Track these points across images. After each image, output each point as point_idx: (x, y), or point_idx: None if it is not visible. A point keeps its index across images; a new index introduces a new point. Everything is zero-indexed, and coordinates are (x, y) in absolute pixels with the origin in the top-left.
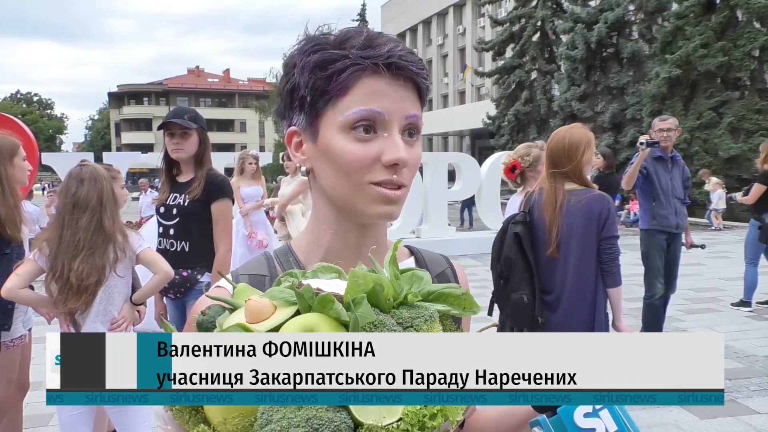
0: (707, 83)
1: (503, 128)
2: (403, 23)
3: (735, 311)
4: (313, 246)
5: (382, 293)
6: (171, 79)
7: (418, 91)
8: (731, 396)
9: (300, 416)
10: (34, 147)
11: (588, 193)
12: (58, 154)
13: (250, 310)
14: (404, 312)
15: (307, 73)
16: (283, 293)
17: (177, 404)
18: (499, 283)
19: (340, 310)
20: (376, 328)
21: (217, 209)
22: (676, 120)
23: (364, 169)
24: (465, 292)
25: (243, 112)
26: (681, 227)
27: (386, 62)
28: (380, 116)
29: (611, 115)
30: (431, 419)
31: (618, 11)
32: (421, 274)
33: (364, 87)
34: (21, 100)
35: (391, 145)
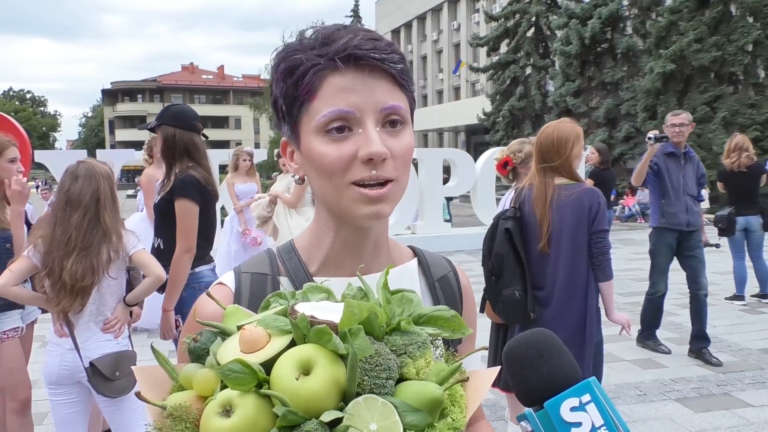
0: (701, 78)
1: (498, 124)
2: (398, 19)
3: (729, 305)
4: (314, 247)
5: (376, 321)
6: (165, 75)
7: (393, 79)
8: (725, 389)
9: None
10: (27, 145)
11: (578, 188)
12: (52, 151)
13: (244, 340)
14: (398, 339)
15: (280, 83)
16: (278, 321)
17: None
18: (491, 280)
19: (338, 344)
20: (371, 359)
21: (177, 208)
22: (689, 115)
23: (343, 169)
24: (455, 315)
25: (238, 109)
26: (693, 225)
27: (343, 56)
28: (350, 114)
29: (606, 111)
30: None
31: (612, 6)
32: (411, 296)
33: (330, 86)
34: (14, 97)
35: (365, 140)
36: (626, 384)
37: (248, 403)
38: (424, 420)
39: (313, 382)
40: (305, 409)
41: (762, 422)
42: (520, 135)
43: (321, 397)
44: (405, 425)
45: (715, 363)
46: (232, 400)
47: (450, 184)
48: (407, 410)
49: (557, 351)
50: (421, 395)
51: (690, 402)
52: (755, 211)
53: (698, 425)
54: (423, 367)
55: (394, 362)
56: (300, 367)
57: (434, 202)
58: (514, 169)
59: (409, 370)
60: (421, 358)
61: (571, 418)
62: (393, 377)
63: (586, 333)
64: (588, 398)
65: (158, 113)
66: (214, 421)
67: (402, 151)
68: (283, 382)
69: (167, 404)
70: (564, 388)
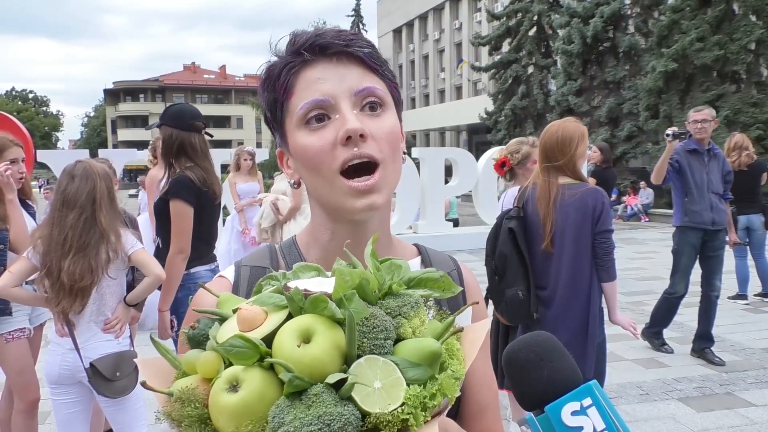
0: (703, 77)
1: (500, 123)
2: (399, 18)
3: (732, 304)
4: (311, 245)
5: (368, 287)
6: (167, 75)
7: (364, 63)
8: (728, 388)
9: (311, 414)
10: (30, 144)
11: (582, 187)
12: (54, 151)
13: (242, 318)
14: (391, 302)
15: (264, 93)
16: (272, 298)
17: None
18: (494, 279)
19: (335, 309)
20: (368, 321)
21: (171, 209)
22: (712, 111)
23: (327, 155)
24: (443, 275)
25: (239, 109)
26: (718, 224)
27: (309, 47)
28: (325, 102)
29: (608, 110)
30: (431, 399)
31: (614, 5)
32: (399, 263)
33: (303, 80)
34: (17, 97)
35: (341, 121)
36: (628, 383)
37: (254, 376)
38: (425, 373)
39: (315, 349)
40: (310, 375)
41: (765, 421)
42: (522, 134)
43: (324, 362)
44: (407, 380)
45: (718, 362)
46: (237, 376)
47: (452, 183)
48: (408, 366)
49: (557, 354)
50: (420, 350)
51: (692, 401)
52: (757, 209)
53: (701, 425)
54: (418, 326)
55: (390, 323)
56: (300, 336)
57: (436, 201)
58: (511, 170)
59: (405, 330)
60: (416, 317)
61: (572, 422)
62: (391, 337)
63: (588, 333)
64: (589, 402)
65: (161, 114)
66: (223, 397)
67: (384, 132)
68: (286, 352)
69: (173, 390)
70: (565, 391)
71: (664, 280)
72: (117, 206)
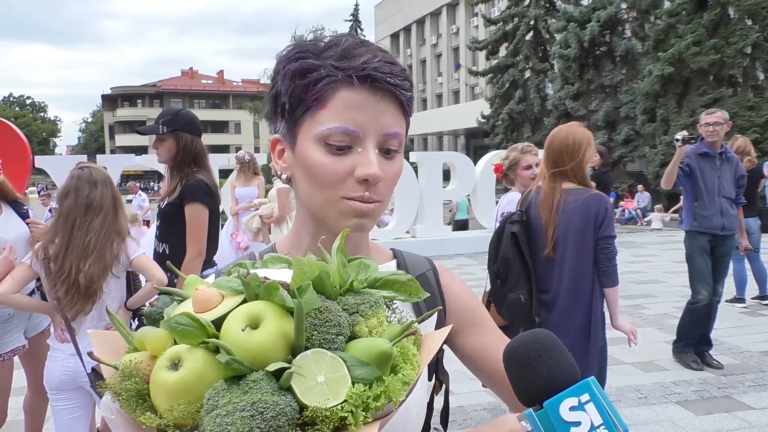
0: (700, 81)
1: (498, 127)
2: (397, 23)
3: (730, 307)
4: (293, 248)
5: (328, 280)
6: (165, 80)
7: (401, 105)
8: (726, 392)
9: (245, 400)
10: (28, 150)
11: (585, 193)
12: (52, 157)
13: (197, 299)
14: (350, 299)
15: (287, 81)
16: (231, 282)
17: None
18: (496, 283)
19: (285, 297)
20: (321, 314)
21: (186, 213)
22: (724, 113)
23: (337, 183)
24: (410, 278)
25: (237, 114)
26: (728, 229)
27: (360, 74)
28: (355, 134)
29: (605, 113)
30: (375, 400)
31: (610, 9)
32: (368, 263)
33: (341, 100)
34: (14, 103)
35: (364, 161)
36: (627, 387)
37: (196, 357)
38: (372, 373)
39: (260, 334)
40: (252, 360)
41: (763, 425)
42: (519, 138)
43: (267, 349)
44: (354, 378)
45: (716, 366)
46: (180, 354)
47: (450, 187)
48: (356, 364)
49: (556, 351)
50: (370, 350)
51: (691, 405)
52: (754, 213)
53: (699, 428)
54: (375, 327)
55: (344, 320)
56: (248, 321)
57: (434, 205)
58: (506, 174)
59: (361, 329)
60: (374, 317)
61: (570, 417)
62: (343, 333)
63: (590, 338)
64: (587, 398)
65: (166, 118)
66: (162, 374)
67: (392, 177)
68: (231, 335)
69: (119, 363)
70: (563, 387)
71: (663, 283)
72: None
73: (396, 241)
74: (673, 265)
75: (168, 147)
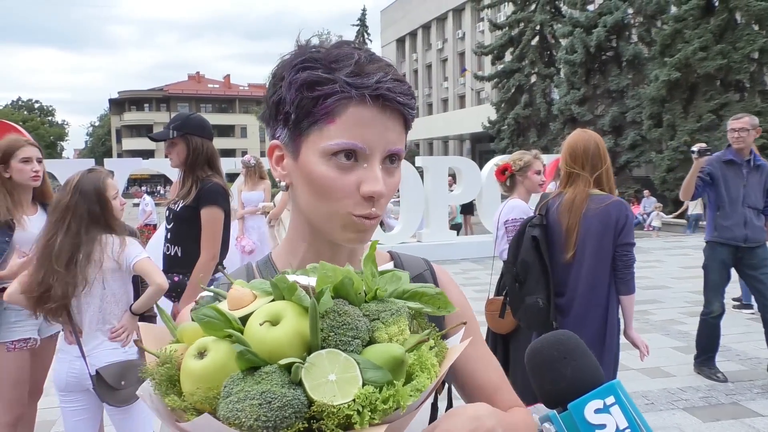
0: (707, 86)
1: (503, 132)
2: (403, 28)
3: (737, 314)
4: (289, 255)
5: (351, 286)
6: (171, 85)
7: (405, 122)
8: (734, 398)
9: (256, 389)
10: None
11: (607, 199)
12: (60, 160)
13: (231, 298)
14: (372, 306)
15: (294, 91)
16: (263, 284)
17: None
18: (514, 286)
19: (303, 297)
20: (339, 317)
21: (203, 216)
22: (753, 118)
23: (343, 198)
24: (440, 292)
25: (243, 118)
26: (753, 240)
27: (374, 93)
28: (362, 150)
29: (611, 119)
30: (383, 403)
31: (617, 15)
32: (400, 275)
33: (351, 117)
34: (22, 107)
35: (370, 177)
36: (633, 393)
37: (221, 348)
38: (384, 377)
39: (278, 331)
40: (269, 355)
41: None
42: (525, 143)
43: (283, 346)
44: (365, 380)
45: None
46: (207, 345)
47: (455, 192)
48: (369, 367)
49: (580, 353)
50: (384, 354)
51: (698, 411)
52: None
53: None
54: (396, 334)
55: (363, 324)
56: (269, 318)
57: (440, 209)
58: (512, 176)
59: (380, 335)
60: (394, 324)
61: (595, 419)
62: (360, 337)
63: (605, 344)
64: (612, 400)
65: (177, 123)
66: (189, 362)
67: (391, 189)
68: (251, 330)
69: (159, 352)
70: (587, 389)
71: (669, 289)
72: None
73: (402, 246)
74: (680, 271)
75: (179, 151)
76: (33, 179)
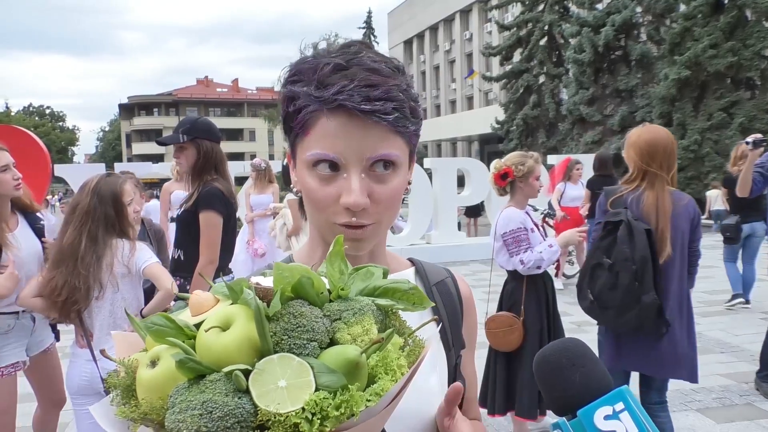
0: (717, 84)
1: (512, 133)
2: (410, 30)
3: (750, 314)
4: (309, 258)
5: (311, 286)
6: (180, 89)
7: (388, 125)
8: (749, 399)
9: (198, 399)
10: (47, 159)
11: (683, 197)
12: (70, 165)
13: (191, 304)
14: (334, 305)
15: (283, 105)
16: (224, 288)
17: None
18: (633, 285)
19: (249, 300)
20: (294, 319)
21: (201, 220)
22: None
23: (326, 208)
24: (414, 287)
25: (252, 121)
26: None
27: (331, 106)
28: (336, 160)
29: (620, 118)
30: (335, 409)
31: (625, 13)
32: (374, 270)
33: (321, 128)
34: (33, 113)
35: (346, 187)
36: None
37: (171, 357)
38: (339, 381)
39: (227, 337)
40: (216, 361)
41: None
42: (534, 143)
43: (231, 352)
44: (319, 385)
45: None
46: (159, 354)
47: (464, 193)
48: (323, 371)
49: (588, 359)
50: (338, 357)
51: (712, 412)
52: (759, 217)
53: None
54: (360, 335)
55: (321, 325)
56: (219, 323)
57: (448, 211)
58: (512, 182)
59: (342, 336)
60: (357, 324)
61: (604, 426)
62: (317, 339)
63: (691, 342)
64: (621, 406)
65: (186, 127)
66: (142, 371)
67: (386, 196)
68: (199, 337)
69: (121, 361)
70: (596, 396)
71: None
72: (125, 225)
73: (411, 248)
74: None
75: (189, 155)
76: (16, 188)
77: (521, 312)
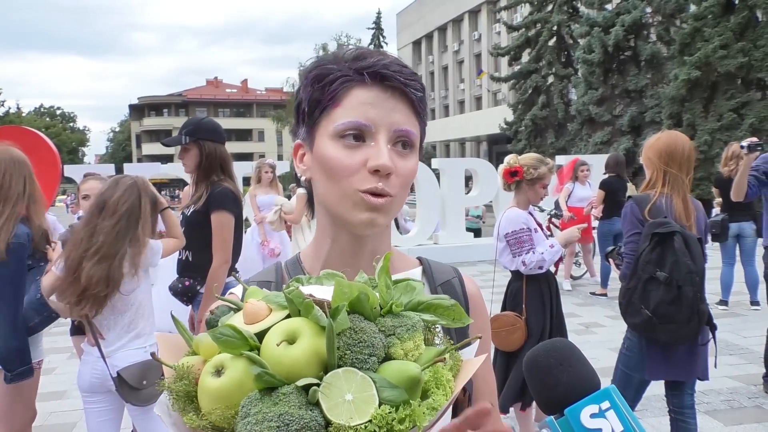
0: (727, 84)
1: (520, 133)
2: (419, 30)
3: (757, 316)
4: (315, 255)
5: (367, 302)
6: (190, 90)
7: (412, 105)
8: (757, 402)
9: (274, 411)
10: (57, 159)
11: (696, 201)
12: (81, 166)
13: (246, 312)
14: (388, 321)
15: (308, 88)
16: (278, 297)
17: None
18: (697, 297)
19: (320, 316)
20: (355, 335)
21: (213, 221)
22: None
23: (351, 174)
24: (454, 304)
25: (261, 122)
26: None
27: (372, 71)
28: (366, 127)
29: (630, 119)
30: (399, 423)
31: (635, 14)
32: (415, 285)
33: (354, 98)
34: (44, 113)
35: (376, 152)
36: (654, 396)
37: (238, 366)
38: (400, 396)
39: (295, 350)
40: (286, 375)
41: None
42: (543, 144)
43: (300, 365)
44: (381, 399)
45: None
46: (224, 363)
47: (472, 194)
48: (386, 386)
49: (576, 359)
50: (400, 373)
51: (720, 415)
52: (748, 217)
53: None
54: (411, 350)
55: (379, 341)
56: (286, 337)
57: (456, 211)
58: (519, 182)
59: (396, 351)
60: (410, 340)
61: (591, 424)
62: (376, 354)
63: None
64: (607, 405)
65: (189, 128)
66: (206, 380)
67: (406, 172)
68: (268, 349)
69: (175, 365)
70: (583, 395)
71: None
72: (150, 227)
73: (418, 248)
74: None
75: (192, 156)
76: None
77: (523, 312)
